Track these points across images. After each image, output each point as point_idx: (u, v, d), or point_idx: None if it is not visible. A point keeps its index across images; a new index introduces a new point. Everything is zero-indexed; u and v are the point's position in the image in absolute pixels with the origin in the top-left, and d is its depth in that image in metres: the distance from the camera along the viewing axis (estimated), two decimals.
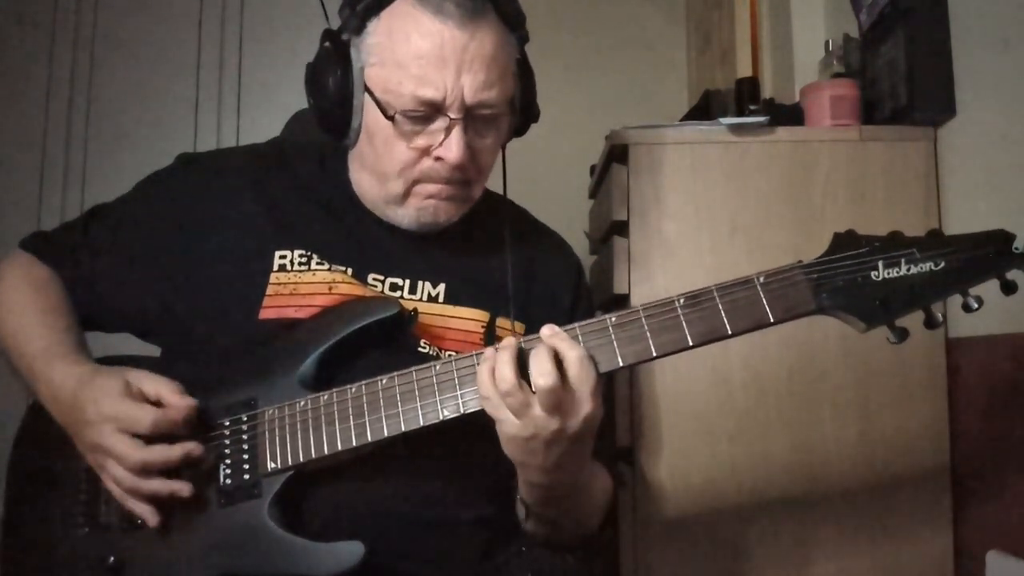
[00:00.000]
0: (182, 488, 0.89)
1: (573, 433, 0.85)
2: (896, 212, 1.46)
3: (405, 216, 1.02)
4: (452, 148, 0.95)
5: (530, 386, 0.83)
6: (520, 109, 1.04)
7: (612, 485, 1.07)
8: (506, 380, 0.82)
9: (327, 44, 0.99)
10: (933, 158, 1.48)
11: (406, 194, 1.00)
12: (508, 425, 0.84)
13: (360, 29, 0.97)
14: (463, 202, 1.03)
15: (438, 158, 0.97)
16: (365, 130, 0.99)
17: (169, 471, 0.90)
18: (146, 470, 0.88)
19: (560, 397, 0.82)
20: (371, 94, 0.97)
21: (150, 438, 0.89)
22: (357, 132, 1.00)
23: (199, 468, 0.91)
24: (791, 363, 1.45)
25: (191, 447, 0.89)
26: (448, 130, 0.95)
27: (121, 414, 0.88)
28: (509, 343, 0.85)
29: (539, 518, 0.98)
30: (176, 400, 0.90)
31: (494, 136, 1.01)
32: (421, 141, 0.97)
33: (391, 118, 0.95)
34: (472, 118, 0.96)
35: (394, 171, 0.99)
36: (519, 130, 1.06)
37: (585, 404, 0.84)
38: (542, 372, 0.82)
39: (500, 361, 0.83)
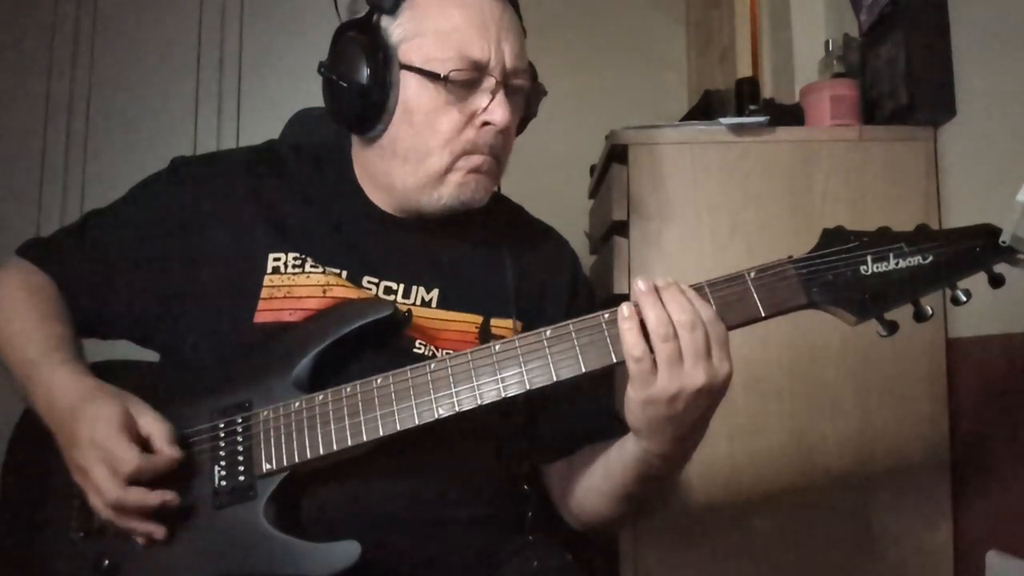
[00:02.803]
0: (156, 531, 0.88)
1: (714, 397, 0.83)
2: (896, 212, 1.46)
3: (443, 196, 1.01)
4: (498, 110, 0.97)
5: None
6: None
7: None
8: (665, 324, 0.81)
9: (351, 33, 1.00)
10: (933, 158, 1.48)
11: (448, 169, 1.00)
12: (658, 383, 0.82)
13: (395, 7, 0.98)
14: (495, 180, 1.04)
15: (484, 123, 0.98)
16: (402, 109, 0.99)
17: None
18: (120, 509, 0.87)
19: (703, 339, 0.81)
20: (411, 68, 0.98)
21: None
22: (390, 115, 1.00)
23: (194, 472, 0.91)
24: (791, 363, 1.45)
25: (168, 497, 0.87)
26: (494, 93, 0.97)
27: (108, 449, 0.87)
28: (648, 287, 0.83)
29: (625, 496, 0.96)
30: (164, 448, 0.89)
31: (517, 115, 1.03)
32: (465, 108, 0.98)
33: (444, 80, 0.96)
34: (507, 87, 0.99)
35: (437, 144, 0.99)
36: (519, 126, 1.07)
37: (725, 363, 0.82)
38: (684, 309, 0.81)
39: (648, 305, 0.82)
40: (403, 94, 0.99)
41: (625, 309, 0.83)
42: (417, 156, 1.00)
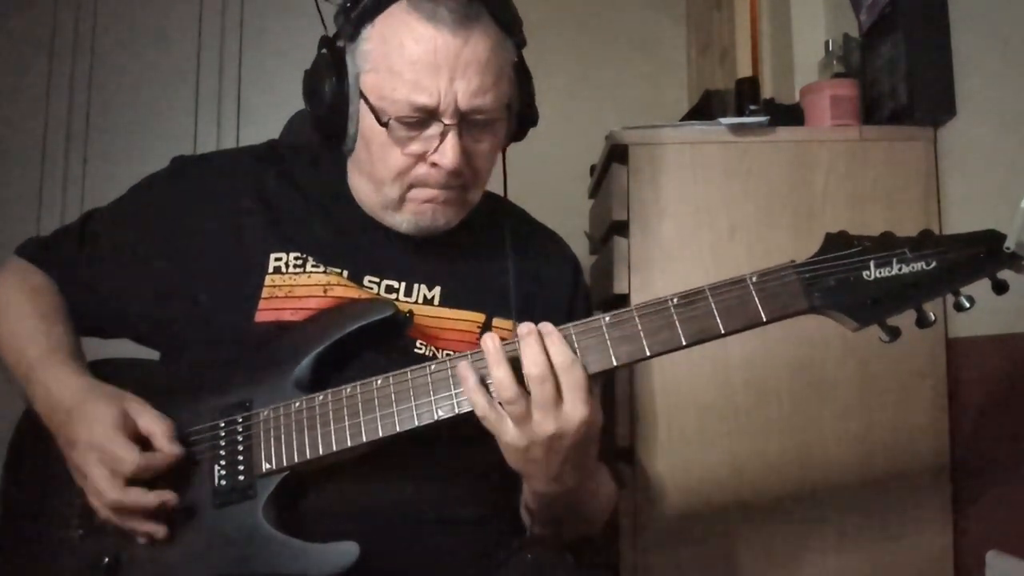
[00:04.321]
0: (157, 530, 0.88)
1: (571, 440, 0.84)
2: (896, 212, 1.46)
3: (403, 221, 1.02)
4: (447, 154, 0.95)
5: (525, 388, 0.83)
6: (518, 114, 1.04)
7: (615, 487, 1.07)
8: (507, 387, 0.83)
9: (323, 51, 0.99)
10: (933, 158, 1.48)
11: (401, 199, 1.00)
12: (507, 435, 0.85)
13: (354, 36, 0.97)
14: (461, 206, 1.03)
15: (434, 164, 0.97)
16: (361, 136, 0.99)
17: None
18: (120, 510, 0.88)
19: (555, 388, 0.82)
20: (366, 100, 0.97)
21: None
22: (354, 138, 1.00)
23: (194, 471, 0.91)
24: (791, 363, 1.45)
25: (167, 497, 0.88)
26: (443, 136, 0.95)
27: (107, 449, 0.87)
28: (494, 347, 0.84)
29: (544, 523, 0.98)
30: (165, 446, 0.89)
31: (490, 140, 1.01)
32: (416, 147, 0.97)
33: (385, 124, 0.95)
34: (467, 123, 0.96)
35: (389, 177, 0.99)
36: (517, 135, 1.06)
37: (577, 409, 0.83)
38: (535, 362, 0.82)
39: (494, 364, 0.83)
40: (361, 122, 0.99)
41: (462, 370, 0.85)
42: (375, 182, 1.00)
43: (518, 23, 1.00)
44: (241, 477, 0.90)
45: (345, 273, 1.01)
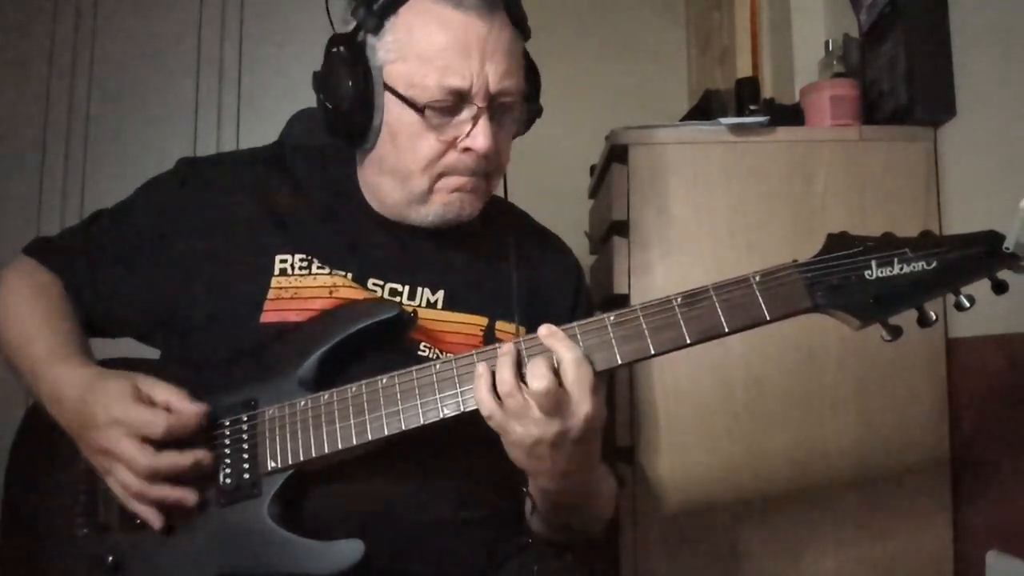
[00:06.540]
0: (188, 496, 0.89)
1: (576, 435, 0.86)
2: (896, 212, 1.46)
3: (429, 213, 1.02)
4: (479, 137, 0.96)
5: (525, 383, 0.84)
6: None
7: (616, 485, 1.07)
8: (506, 382, 0.84)
9: (339, 48, 0.99)
10: (933, 158, 1.48)
11: (430, 190, 1.00)
12: (512, 433, 0.85)
13: (378, 28, 0.97)
14: (484, 195, 1.04)
15: (466, 149, 0.97)
16: (387, 129, 0.99)
17: (176, 477, 0.90)
18: (155, 476, 0.88)
19: (557, 399, 0.83)
20: (393, 91, 0.97)
21: (160, 444, 0.89)
22: (377, 133, 1.00)
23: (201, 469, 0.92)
24: (791, 363, 1.45)
25: (201, 455, 0.89)
26: (475, 119, 0.96)
27: (133, 418, 0.88)
28: (508, 349, 0.86)
29: (550, 523, 0.99)
30: (187, 407, 0.90)
31: (510, 128, 1.02)
32: (447, 134, 0.97)
33: (421, 111, 0.95)
34: (493, 107, 0.97)
35: (419, 167, 0.99)
36: (523, 128, 1.07)
37: (583, 404, 0.85)
38: (536, 375, 0.83)
39: (500, 365, 0.85)
40: (387, 115, 0.99)
41: (479, 367, 0.86)
42: (402, 176, 1.00)
43: (524, 17, 1.02)
44: (246, 475, 0.91)
45: (350, 275, 1.02)
